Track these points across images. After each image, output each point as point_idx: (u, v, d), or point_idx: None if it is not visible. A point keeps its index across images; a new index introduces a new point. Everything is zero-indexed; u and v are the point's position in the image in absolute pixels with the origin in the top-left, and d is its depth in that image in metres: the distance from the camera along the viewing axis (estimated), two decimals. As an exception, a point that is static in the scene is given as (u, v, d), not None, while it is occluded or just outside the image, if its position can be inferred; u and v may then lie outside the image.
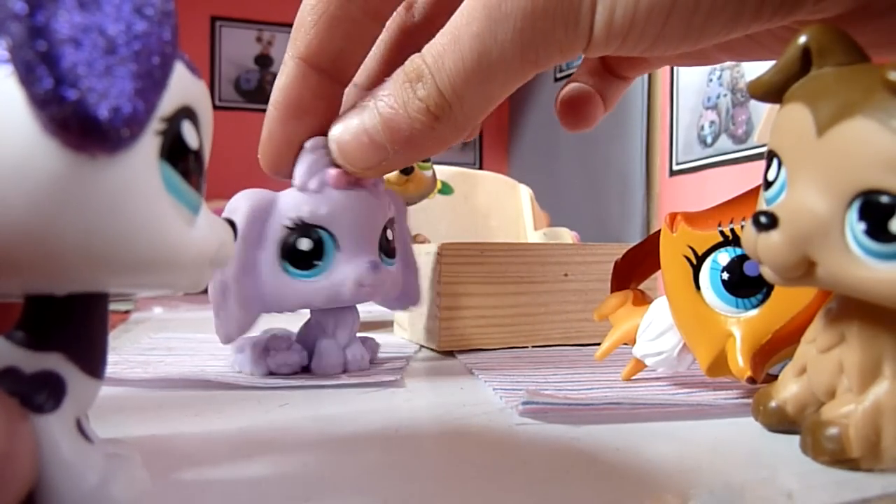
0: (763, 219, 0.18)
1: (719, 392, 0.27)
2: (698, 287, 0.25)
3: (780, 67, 0.19)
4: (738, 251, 0.24)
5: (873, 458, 0.18)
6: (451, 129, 0.25)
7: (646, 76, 1.41)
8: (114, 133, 0.10)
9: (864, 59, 0.18)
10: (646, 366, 0.29)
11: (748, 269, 0.24)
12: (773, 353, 0.24)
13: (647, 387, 0.29)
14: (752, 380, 0.23)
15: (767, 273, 0.19)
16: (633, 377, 0.30)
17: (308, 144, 0.29)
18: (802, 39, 0.18)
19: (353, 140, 0.27)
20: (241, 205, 0.29)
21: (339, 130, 0.27)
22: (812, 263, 0.17)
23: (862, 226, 0.16)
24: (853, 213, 0.16)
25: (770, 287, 0.24)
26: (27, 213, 0.10)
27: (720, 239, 0.24)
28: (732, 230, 0.24)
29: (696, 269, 0.25)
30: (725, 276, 0.24)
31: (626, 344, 0.30)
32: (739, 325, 0.24)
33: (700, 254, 0.25)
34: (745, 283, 0.24)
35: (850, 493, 0.17)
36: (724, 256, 0.24)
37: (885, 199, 0.15)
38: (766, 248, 0.18)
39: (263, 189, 0.30)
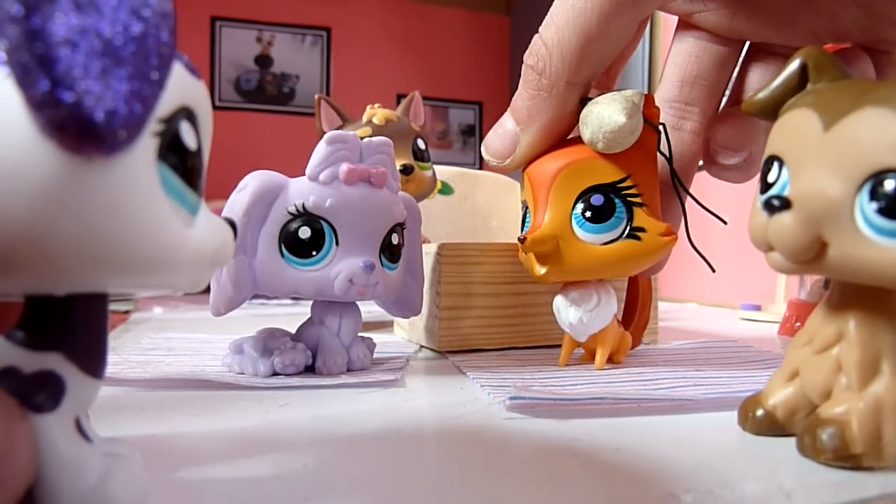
0: (776, 202, 0.18)
1: (699, 388, 0.29)
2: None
3: (780, 84, 0.20)
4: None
5: (875, 454, 0.18)
6: (554, 78, 0.28)
7: (645, 76, 1.41)
8: (110, 135, 0.10)
9: (850, 77, 0.19)
10: (578, 342, 0.34)
11: None
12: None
13: (629, 382, 0.30)
14: (522, 240, 0.30)
15: (777, 260, 0.19)
16: (622, 376, 0.31)
17: (327, 137, 0.30)
18: (800, 58, 0.20)
19: (492, 134, 0.31)
20: (249, 183, 0.29)
21: (489, 134, 0.32)
22: (823, 245, 0.18)
23: (874, 205, 0.16)
24: (864, 195, 0.17)
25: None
26: (25, 214, 0.10)
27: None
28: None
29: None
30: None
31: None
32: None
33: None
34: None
35: (848, 492, 0.17)
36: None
37: None
38: (778, 231, 0.18)
39: (276, 172, 0.30)
